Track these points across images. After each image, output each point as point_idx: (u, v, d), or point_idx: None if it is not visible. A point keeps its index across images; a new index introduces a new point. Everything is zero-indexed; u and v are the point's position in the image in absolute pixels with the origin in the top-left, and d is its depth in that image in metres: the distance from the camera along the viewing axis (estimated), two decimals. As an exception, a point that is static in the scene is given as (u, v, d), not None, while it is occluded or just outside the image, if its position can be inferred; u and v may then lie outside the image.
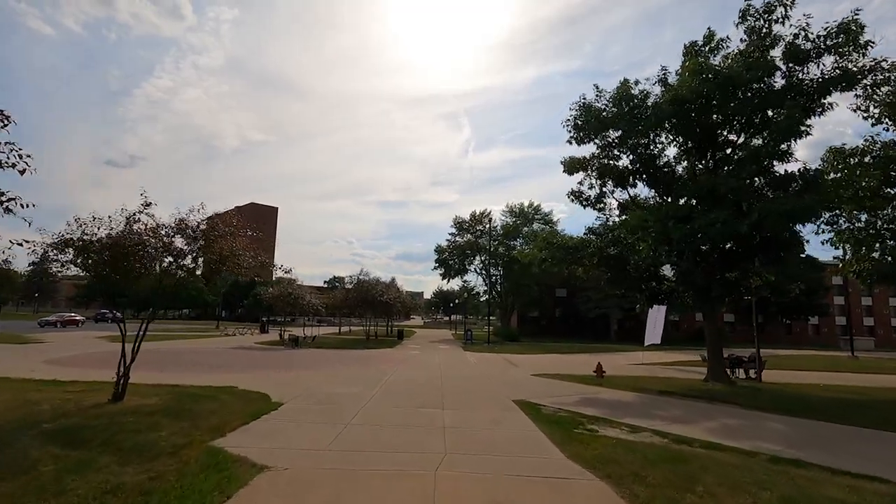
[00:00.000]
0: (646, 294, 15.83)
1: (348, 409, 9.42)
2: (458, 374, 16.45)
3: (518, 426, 8.56)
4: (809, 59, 11.80)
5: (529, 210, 55.28)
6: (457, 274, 57.84)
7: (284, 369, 16.41)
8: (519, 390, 12.99)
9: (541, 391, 12.95)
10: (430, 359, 23.29)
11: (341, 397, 10.77)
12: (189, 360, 18.94)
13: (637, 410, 10.50)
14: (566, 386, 14.28)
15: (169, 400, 9.24)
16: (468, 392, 12.37)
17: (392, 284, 40.45)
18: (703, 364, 21.00)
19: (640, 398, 12.37)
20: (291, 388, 11.75)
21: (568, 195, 18.13)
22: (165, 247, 9.28)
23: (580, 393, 12.95)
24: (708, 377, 15.33)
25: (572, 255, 15.84)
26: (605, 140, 16.69)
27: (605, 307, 53.88)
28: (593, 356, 29.24)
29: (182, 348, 24.96)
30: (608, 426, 8.69)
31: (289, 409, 9.18)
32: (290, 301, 32.04)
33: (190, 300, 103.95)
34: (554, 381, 15.54)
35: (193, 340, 32.56)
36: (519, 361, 23.35)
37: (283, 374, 15.19)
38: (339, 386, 12.61)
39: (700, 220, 11.42)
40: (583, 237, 16.13)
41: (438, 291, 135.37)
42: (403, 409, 9.63)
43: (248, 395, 10.50)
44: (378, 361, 20.64)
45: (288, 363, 18.69)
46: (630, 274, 15.90)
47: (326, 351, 26.59)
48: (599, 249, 15.83)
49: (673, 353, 33.07)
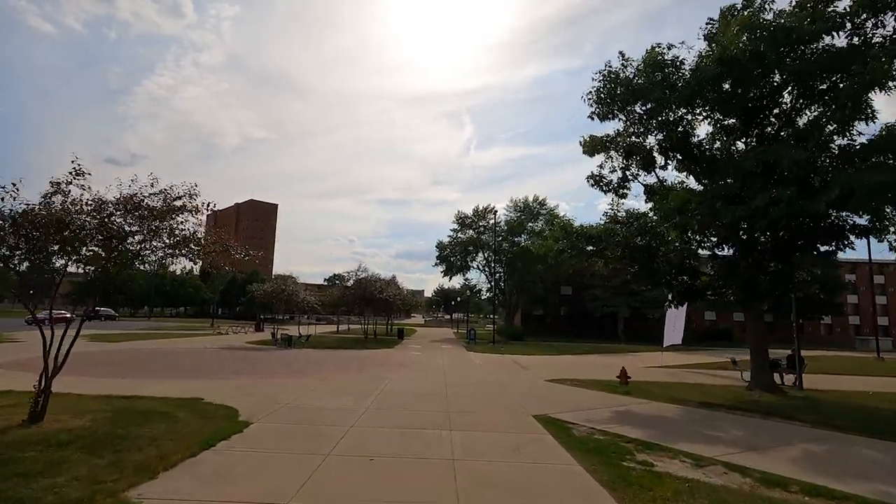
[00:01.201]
0: (677, 290, 13.90)
1: (332, 431, 7.51)
2: (464, 381, 14.54)
3: (548, 456, 6.64)
4: (889, 6, 9.81)
5: (535, 205, 53.26)
6: (459, 271, 55.87)
7: (268, 375, 14.51)
8: (537, 401, 11.08)
9: (563, 402, 11.03)
10: (432, 361, 21.39)
11: (326, 414, 8.86)
12: (165, 363, 17.07)
13: (687, 431, 8.58)
14: (590, 395, 12.36)
15: (103, 421, 7.33)
16: (478, 405, 10.45)
17: (392, 281, 38.54)
18: (732, 368, 19.10)
19: (683, 413, 10.44)
20: (269, 401, 9.85)
21: (587, 179, 16.18)
22: (100, 226, 7.35)
23: (609, 405, 11.04)
24: (752, 385, 13.41)
25: (594, 247, 13.91)
26: (632, 115, 14.76)
27: (613, 305, 51.94)
28: (606, 357, 27.34)
29: (165, 349, 23.08)
30: (663, 456, 6.77)
31: (256, 433, 7.27)
32: (283, 298, 30.13)
33: (187, 298, 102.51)
34: (573, 388, 13.63)
35: (182, 339, 30.73)
36: (528, 364, 21.44)
37: (264, 380, 13.29)
38: (326, 397, 10.69)
39: (758, 199, 9.50)
40: (606, 225, 14.20)
41: (439, 289, 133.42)
42: (401, 432, 7.71)
43: (212, 410, 8.59)
44: (375, 364, 18.73)
45: (274, 367, 16.80)
46: (660, 267, 13.97)
47: (321, 351, 24.70)
48: (625, 239, 13.90)
49: (689, 354, 31.08)
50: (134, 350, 21.66)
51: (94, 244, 7.68)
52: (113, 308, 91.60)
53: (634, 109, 14.69)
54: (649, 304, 51.33)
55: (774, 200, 9.15)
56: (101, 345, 23.98)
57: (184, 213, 8.09)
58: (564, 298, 62.82)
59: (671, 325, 22.96)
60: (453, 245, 55.35)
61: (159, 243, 8.05)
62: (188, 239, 8.21)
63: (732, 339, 56.63)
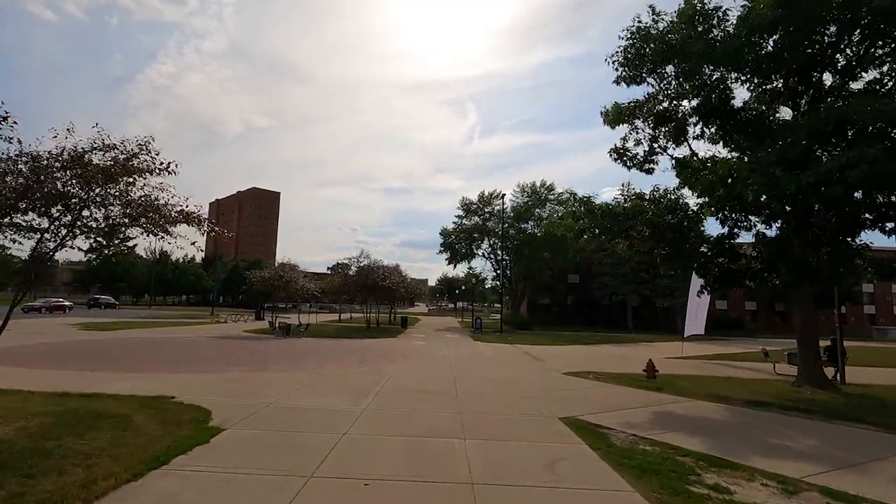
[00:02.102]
0: (713, 274, 12.39)
1: (319, 441, 6.12)
2: (474, 375, 13.15)
3: (591, 477, 5.22)
4: None
5: (542, 190, 51.44)
6: (463, 258, 54.36)
7: (259, 367, 13.17)
8: (560, 400, 9.67)
9: (590, 401, 9.62)
10: (438, 351, 20.02)
11: (316, 417, 7.47)
12: (150, 353, 15.77)
13: (750, 439, 7.13)
14: (618, 392, 10.94)
15: (36, 428, 5.94)
16: (494, 405, 9.04)
17: (395, 269, 37.12)
18: (764, 360, 17.64)
19: (732, 414, 9.00)
20: (252, 399, 8.47)
21: (610, 153, 14.61)
22: (24, 191, 5.88)
23: (643, 403, 9.61)
24: (800, 380, 11.95)
25: (620, 226, 12.38)
26: (664, 78, 13.15)
27: (623, 294, 50.45)
28: (620, 347, 25.94)
29: (158, 338, 21.81)
30: (738, 477, 5.33)
31: (225, 444, 5.88)
32: (281, 285, 28.77)
33: (189, 286, 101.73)
34: (597, 383, 12.21)
35: (178, 328, 29.53)
36: (541, 355, 20.05)
37: (253, 374, 11.93)
38: (318, 395, 9.30)
39: (830, 162, 7.94)
40: (634, 202, 12.65)
41: (443, 278, 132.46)
42: (404, 442, 6.30)
43: (179, 412, 7.20)
44: (377, 355, 17.37)
45: (267, 358, 15.46)
46: (693, 249, 12.44)
47: (320, 341, 23.40)
48: (655, 217, 12.37)
49: (705, 344, 29.59)
50: (123, 339, 20.41)
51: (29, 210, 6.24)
52: (115, 296, 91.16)
53: (666, 71, 13.09)
54: (659, 293, 49.85)
55: (851, 162, 7.59)
56: (91, 334, 22.78)
57: (141, 174, 6.63)
58: (571, 287, 61.30)
59: (693, 314, 21.51)
60: (458, 232, 53.81)
61: (109, 211, 6.59)
62: (145, 207, 6.76)
63: (744, 329, 55.18)
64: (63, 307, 49.09)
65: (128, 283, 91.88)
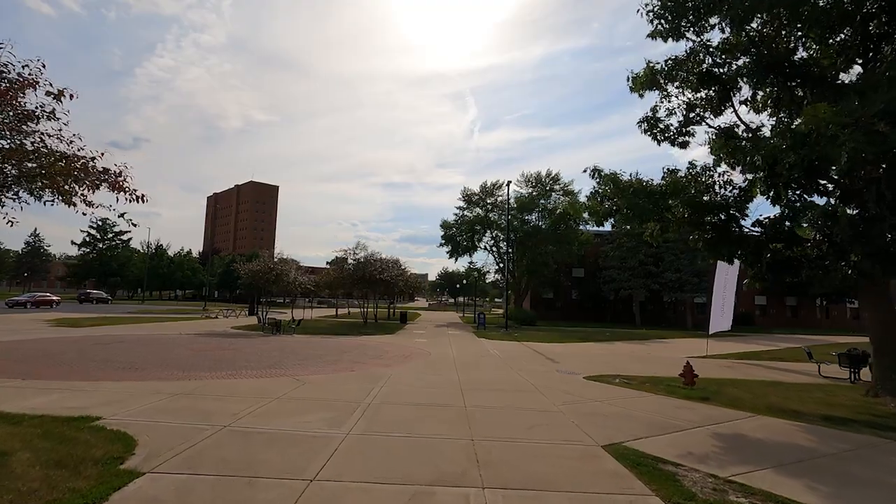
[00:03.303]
0: (766, 261, 10.46)
1: (273, 496, 4.20)
2: (483, 381, 11.23)
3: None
4: None
5: (548, 180, 49.23)
6: (465, 252, 52.25)
7: (229, 371, 11.23)
8: (593, 416, 7.75)
9: (631, 418, 7.70)
10: (440, 351, 18.11)
11: (276, 450, 5.54)
12: (109, 355, 13.81)
13: (870, 480, 5.21)
14: (661, 404, 9.01)
15: None
16: (515, 425, 7.11)
17: (394, 262, 35.16)
18: (805, 359, 15.77)
19: (818, 437, 7.07)
20: (199, 421, 6.54)
21: (638, 124, 12.65)
22: None
23: (697, 421, 7.70)
24: (875, 389, 10.04)
25: (656, 205, 10.43)
26: (707, 31, 11.17)
27: (630, 288, 48.52)
28: (635, 345, 24.06)
29: (131, 335, 19.89)
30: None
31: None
32: (271, 278, 26.80)
33: (185, 281, 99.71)
34: (629, 392, 10.30)
35: (163, 324, 27.65)
36: (553, 354, 18.15)
37: (217, 381, 9.98)
38: (290, 412, 7.37)
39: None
40: (675, 178, 10.70)
41: (444, 273, 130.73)
42: (395, 493, 4.38)
43: (90, 445, 5.25)
44: (372, 356, 15.46)
45: (246, 359, 13.53)
46: (742, 233, 10.49)
47: (311, 339, 21.49)
48: (700, 193, 10.41)
49: (723, 342, 27.75)
50: (91, 338, 18.49)
51: None
52: (111, 291, 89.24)
53: (710, 23, 11.09)
54: (668, 287, 47.96)
55: None
56: (61, 331, 20.88)
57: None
58: (576, 281, 59.45)
59: (719, 308, 19.60)
60: (459, 224, 51.75)
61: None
62: (41, 155, 4.79)
63: (754, 324, 53.32)
64: (50, 302, 47.19)
65: (123, 277, 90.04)
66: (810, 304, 60.61)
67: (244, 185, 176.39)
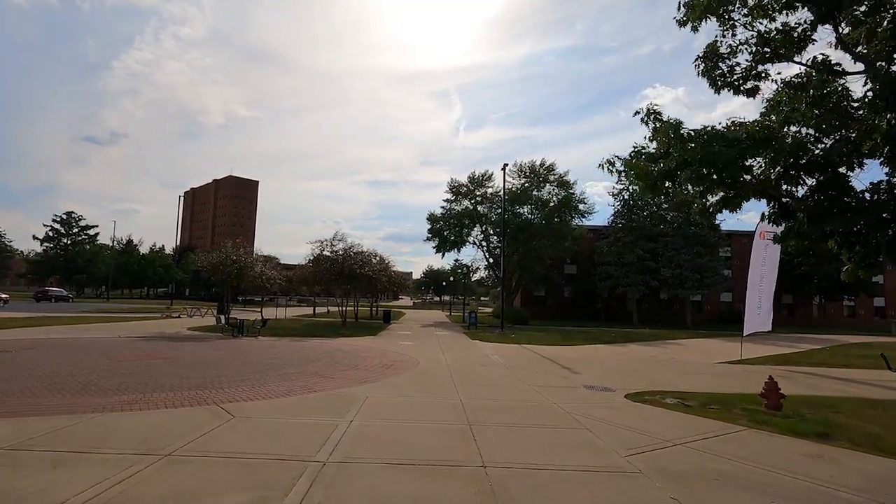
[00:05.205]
0: (885, 242, 7.63)
1: None
2: (498, 407, 8.12)
3: None
4: None
5: (542, 170, 46.36)
6: (453, 246, 49.10)
7: (133, 396, 7.88)
8: (683, 483, 4.73)
9: (766, 487, 4.71)
10: (430, 356, 14.96)
11: None
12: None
13: None
14: (770, 448, 6.04)
15: None
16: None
17: (376, 255, 31.90)
18: (884, 367, 13.11)
19: None
20: None
21: (695, 63, 9.70)
22: None
23: (842, 483, 4.74)
24: None
25: (742, 157, 7.45)
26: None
27: (627, 285, 46.02)
28: (648, 348, 21.22)
29: (54, 339, 16.27)
30: None
31: None
32: (232, 272, 23.28)
33: (157, 278, 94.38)
34: (704, 424, 7.31)
35: (111, 324, 24.03)
36: (565, 360, 15.17)
37: (98, 417, 6.67)
38: (193, 479, 4.16)
39: None
40: (765, 122, 7.77)
41: (429, 271, 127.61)
42: None
43: None
44: (346, 366, 12.24)
45: (173, 374, 10.15)
46: (860, 203, 7.59)
47: (277, 342, 18.17)
48: (795, 144, 7.48)
49: (731, 342, 25.16)
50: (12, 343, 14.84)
51: None
52: (77, 290, 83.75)
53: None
54: (667, 284, 45.63)
55: None
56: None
57: None
58: (569, 278, 56.94)
59: (755, 305, 16.89)
60: (447, 217, 48.63)
61: None
62: None
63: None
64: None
65: (90, 275, 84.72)
66: (807, 302, 59.16)
67: (223, 180, 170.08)
